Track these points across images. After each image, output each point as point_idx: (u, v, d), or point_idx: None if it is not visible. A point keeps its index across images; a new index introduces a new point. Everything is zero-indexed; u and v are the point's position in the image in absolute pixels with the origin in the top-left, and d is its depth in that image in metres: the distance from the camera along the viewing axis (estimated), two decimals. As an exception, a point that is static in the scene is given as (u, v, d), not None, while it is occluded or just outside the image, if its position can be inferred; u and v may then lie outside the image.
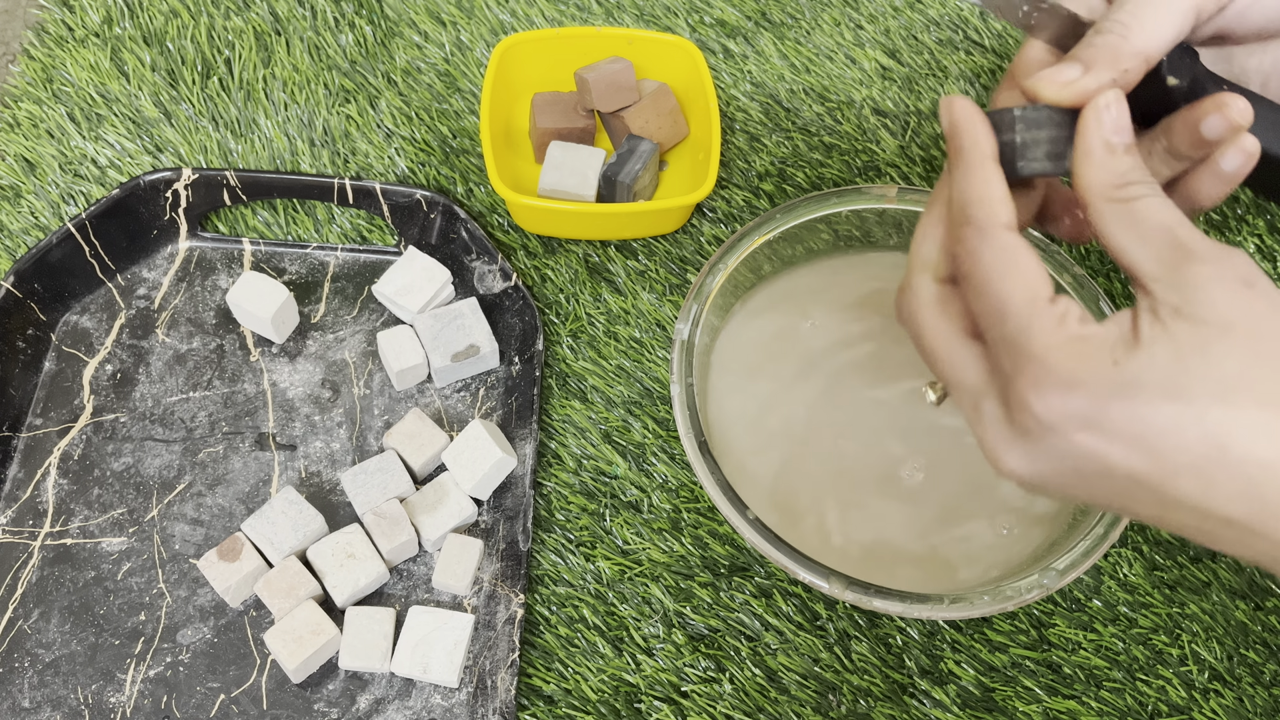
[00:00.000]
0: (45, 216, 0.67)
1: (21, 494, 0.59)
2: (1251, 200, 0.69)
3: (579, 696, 0.55)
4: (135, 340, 0.64)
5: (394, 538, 0.57)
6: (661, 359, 0.64)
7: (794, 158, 0.71)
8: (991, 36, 0.76)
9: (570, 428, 0.62)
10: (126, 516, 0.59)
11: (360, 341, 0.64)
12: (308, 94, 0.71)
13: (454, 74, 0.73)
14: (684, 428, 0.55)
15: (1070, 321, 0.36)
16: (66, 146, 0.69)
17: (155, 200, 0.65)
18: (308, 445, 0.61)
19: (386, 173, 0.69)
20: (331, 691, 0.55)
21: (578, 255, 0.67)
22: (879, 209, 0.61)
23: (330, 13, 0.75)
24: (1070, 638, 0.57)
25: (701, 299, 0.58)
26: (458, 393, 0.63)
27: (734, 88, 0.73)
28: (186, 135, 0.69)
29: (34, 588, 0.57)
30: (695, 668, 0.56)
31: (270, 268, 0.66)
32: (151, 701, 0.54)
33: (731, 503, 0.53)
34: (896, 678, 0.56)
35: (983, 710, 0.55)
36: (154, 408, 0.62)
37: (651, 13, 0.76)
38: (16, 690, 0.54)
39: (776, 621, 0.57)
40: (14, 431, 0.60)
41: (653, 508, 0.60)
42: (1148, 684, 0.56)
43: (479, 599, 0.57)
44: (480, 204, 0.68)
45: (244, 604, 0.57)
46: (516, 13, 0.76)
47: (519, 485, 0.59)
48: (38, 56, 0.73)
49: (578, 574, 0.58)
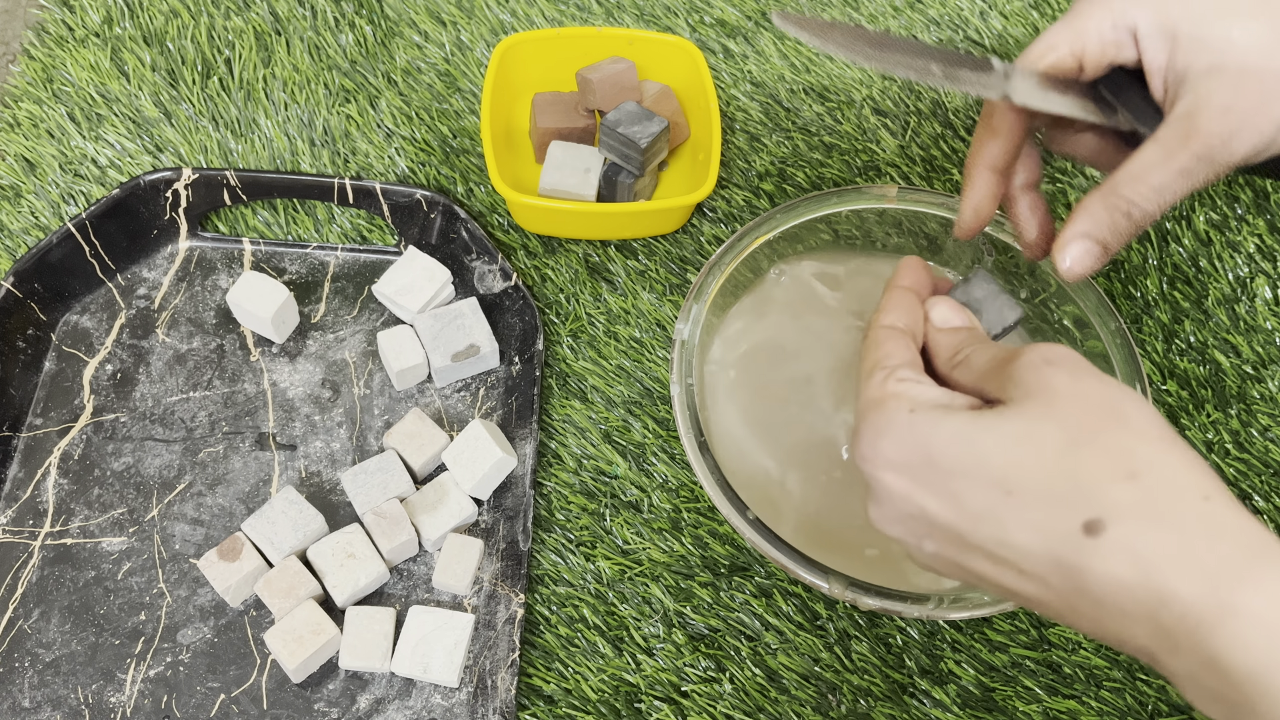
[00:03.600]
0: (45, 216, 0.67)
1: (22, 494, 0.59)
2: (1252, 200, 0.69)
3: (579, 696, 0.55)
4: (135, 340, 0.64)
5: (394, 537, 0.57)
6: (661, 359, 0.64)
7: (794, 158, 0.71)
8: (991, 36, 0.76)
9: (570, 428, 0.62)
10: (127, 516, 0.59)
11: (360, 341, 0.64)
12: (308, 94, 0.71)
13: (454, 74, 0.73)
14: (684, 428, 0.55)
15: (891, 380, 0.42)
16: (67, 146, 0.69)
17: (155, 200, 0.65)
18: (308, 445, 0.61)
19: (386, 172, 0.69)
20: (331, 691, 0.55)
21: (578, 255, 0.67)
22: (879, 209, 0.61)
23: (330, 13, 0.75)
24: (1070, 638, 0.57)
25: (701, 299, 0.58)
26: (458, 393, 0.63)
27: (734, 88, 0.73)
28: (186, 135, 0.69)
29: (34, 587, 0.57)
30: (695, 668, 0.56)
31: (270, 268, 0.66)
32: (152, 701, 0.54)
33: (731, 503, 0.53)
34: (896, 678, 0.56)
35: (983, 710, 0.55)
36: (154, 407, 0.62)
37: (651, 13, 0.76)
38: (17, 690, 0.54)
39: (776, 621, 0.57)
40: (14, 431, 0.60)
41: (653, 508, 0.60)
42: (1148, 684, 0.56)
43: (479, 599, 0.57)
44: (480, 204, 0.68)
45: (244, 604, 0.57)
46: (517, 13, 0.76)
47: (519, 485, 0.59)
48: (38, 56, 0.73)
49: (578, 574, 0.58)
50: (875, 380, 0.43)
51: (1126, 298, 0.66)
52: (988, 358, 0.42)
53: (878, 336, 0.45)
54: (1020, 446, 0.37)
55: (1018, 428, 0.38)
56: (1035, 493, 0.36)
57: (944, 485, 0.39)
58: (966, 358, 0.44)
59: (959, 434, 0.38)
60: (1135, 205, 0.44)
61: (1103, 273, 0.67)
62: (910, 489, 0.40)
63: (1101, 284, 0.66)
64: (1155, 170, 0.44)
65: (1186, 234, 0.67)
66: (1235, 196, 0.69)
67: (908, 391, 0.41)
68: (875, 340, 0.45)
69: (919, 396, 0.41)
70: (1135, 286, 0.66)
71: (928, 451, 0.39)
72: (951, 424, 0.39)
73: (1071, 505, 0.36)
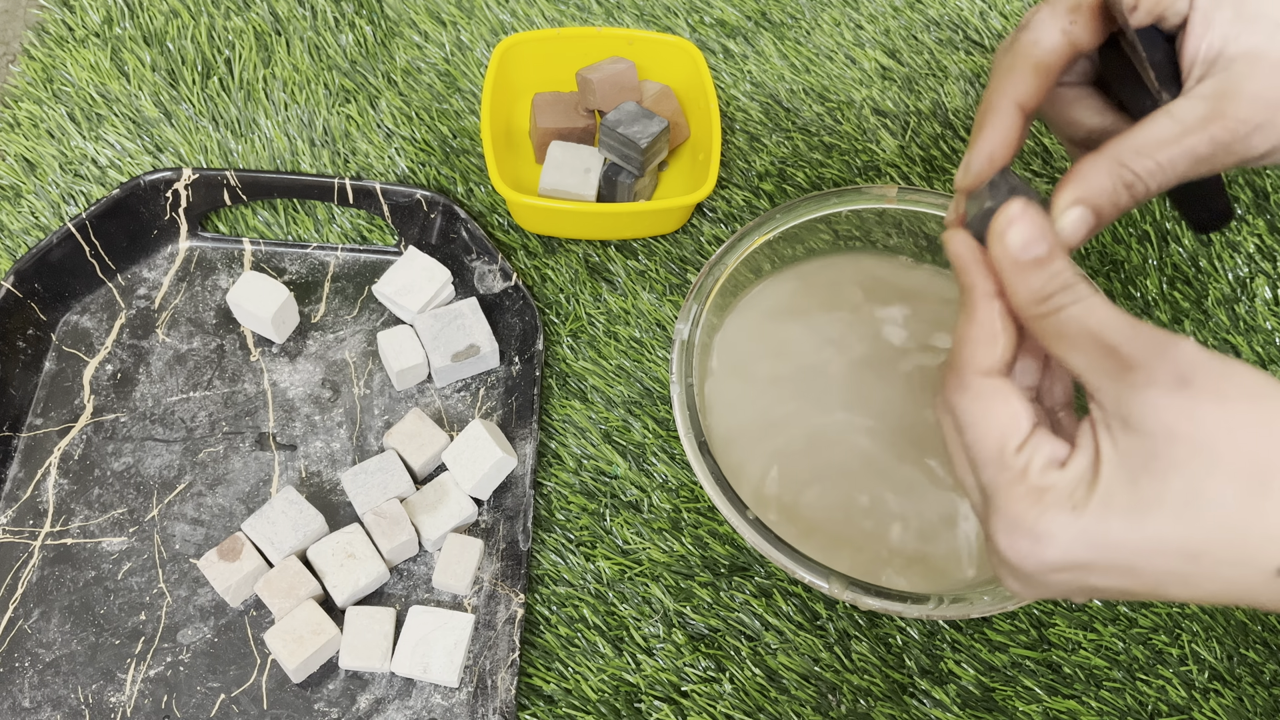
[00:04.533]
0: (45, 216, 0.67)
1: (22, 494, 0.59)
2: (1252, 200, 0.69)
3: (579, 696, 0.55)
4: (135, 340, 0.64)
5: (394, 537, 0.57)
6: (661, 359, 0.64)
7: (794, 158, 0.71)
8: (991, 36, 0.76)
9: (570, 428, 0.62)
10: (127, 516, 0.59)
11: (360, 341, 0.64)
12: (308, 94, 0.71)
13: (454, 74, 0.73)
14: (684, 428, 0.55)
15: (1033, 473, 0.36)
16: (67, 146, 0.69)
17: (155, 200, 0.65)
18: (308, 445, 0.61)
19: (386, 173, 0.69)
20: (331, 691, 0.55)
21: (578, 255, 0.67)
22: (879, 209, 0.61)
23: (330, 13, 0.75)
24: (1070, 637, 0.57)
25: (701, 299, 0.58)
26: (458, 393, 0.63)
27: (734, 88, 0.73)
28: (187, 135, 0.69)
29: (34, 587, 0.57)
30: (695, 667, 0.56)
31: (270, 268, 0.66)
32: (152, 701, 0.54)
33: (731, 503, 0.53)
34: (896, 677, 0.56)
35: (983, 710, 0.55)
36: (154, 408, 0.62)
37: (651, 13, 0.76)
38: (17, 690, 0.54)
39: (776, 621, 0.57)
40: (14, 431, 0.60)
41: (653, 508, 0.60)
42: (1148, 684, 0.56)
43: (479, 599, 0.57)
44: (480, 204, 0.68)
45: (244, 604, 0.57)
46: (516, 13, 0.76)
47: (519, 485, 0.59)
48: (38, 56, 0.73)
49: (578, 574, 0.58)
50: (1011, 468, 0.37)
51: (1126, 298, 0.66)
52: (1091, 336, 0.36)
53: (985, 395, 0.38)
54: (1192, 510, 0.34)
55: (1183, 491, 0.34)
56: (1222, 556, 0.34)
57: (1119, 569, 0.36)
58: (1059, 317, 0.37)
59: (1130, 527, 0.35)
60: (1139, 180, 0.40)
61: (1102, 272, 0.67)
62: (1079, 579, 0.37)
63: (1101, 284, 0.66)
64: (1166, 146, 0.40)
65: (1186, 234, 0.67)
66: (1235, 196, 0.69)
67: (1059, 484, 0.36)
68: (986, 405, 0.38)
69: (1074, 489, 0.36)
70: (1135, 286, 0.66)
71: (1100, 551, 0.35)
72: (1120, 518, 0.35)
73: (1263, 556, 0.34)
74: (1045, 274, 0.37)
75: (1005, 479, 0.37)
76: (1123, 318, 0.36)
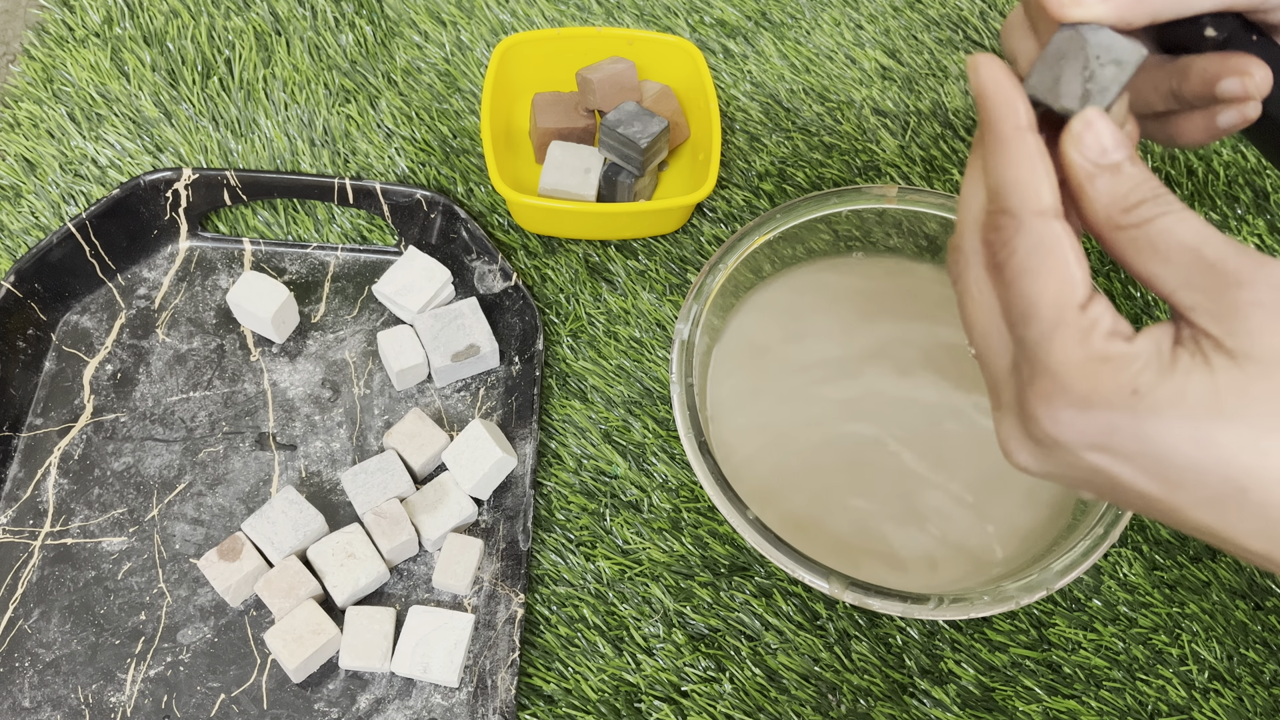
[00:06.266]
0: (45, 216, 0.67)
1: (22, 494, 0.59)
2: (1252, 200, 0.69)
3: (579, 696, 0.55)
4: (135, 340, 0.64)
5: (394, 537, 0.57)
6: (661, 359, 0.64)
7: (794, 158, 0.71)
8: (991, 36, 0.76)
9: (570, 428, 0.62)
10: (127, 516, 0.59)
11: (360, 341, 0.64)
12: (308, 94, 0.71)
13: (454, 74, 0.73)
14: (684, 428, 0.55)
15: (1096, 337, 0.33)
16: (67, 146, 0.69)
17: (155, 200, 0.65)
18: (308, 445, 0.61)
19: (386, 172, 0.69)
20: (332, 691, 0.55)
21: (578, 255, 0.67)
22: (879, 209, 0.61)
23: (330, 13, 0.75)
24: (1070, 637, 0.57)
25: (701, 299, 0.58)
26: (458, 392, 0.63)
27: (734, 88, 0.73)
28: (187, 135, 0.69)
29: (34, 587, 0.57)
30: (695, 667, 0.56)
31: (270, 267, 0.66)
32: (152, 701, 0.54)
33: (731, 503, 0.53)
34: (896, 677, 0.56)
35: (983, 710, 0.55)
36: (154, 407, 0.62)
37: (651, 13, 0.76)
38: (17, 690, 0.54)
39: (776, 621, 0.57)
40: (14, 431, 0.60)
41: (653, 507, 0.60)
42: (1148, 684, 0.56)
43: (479, 599, 0.57)
44: (480, 204, 0.68)
45: (244, 604, 0.57)
46: (516, 13, 0.76)
47: (519, 485, 0.59)
48: (38, 56, 0.73)
49: (578, 574, 0.58)
50: (1071, 324, 0.33)
51: (1126, 298, 0.66)
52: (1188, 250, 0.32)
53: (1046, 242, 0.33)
54: (1270, 440, 0.31)
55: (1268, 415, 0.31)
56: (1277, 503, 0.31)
57: (1164, 475, 0.32)
58: (1149, 228, 0.33)
59: (1196, 435, 0.32)
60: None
61: (1102, 272, 0.67)
62: (1108, 467, 0.33)
63: (1102, 284, 0.66)
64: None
65: (1186, 234, 0.67)
66: (1235, 196, 0.69)
67: (1123, 356, 0.33)
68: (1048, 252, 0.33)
69: (1140, 371, 0.32)
70: (1135, 286, 0.66)
71: (1153, 448, 0.32)
72: (1186, 422, 0.32)
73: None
74: (1131, 180, 0.34)
75: (1062, 336, 0.33)
76: (1219, 233, 0.33)
